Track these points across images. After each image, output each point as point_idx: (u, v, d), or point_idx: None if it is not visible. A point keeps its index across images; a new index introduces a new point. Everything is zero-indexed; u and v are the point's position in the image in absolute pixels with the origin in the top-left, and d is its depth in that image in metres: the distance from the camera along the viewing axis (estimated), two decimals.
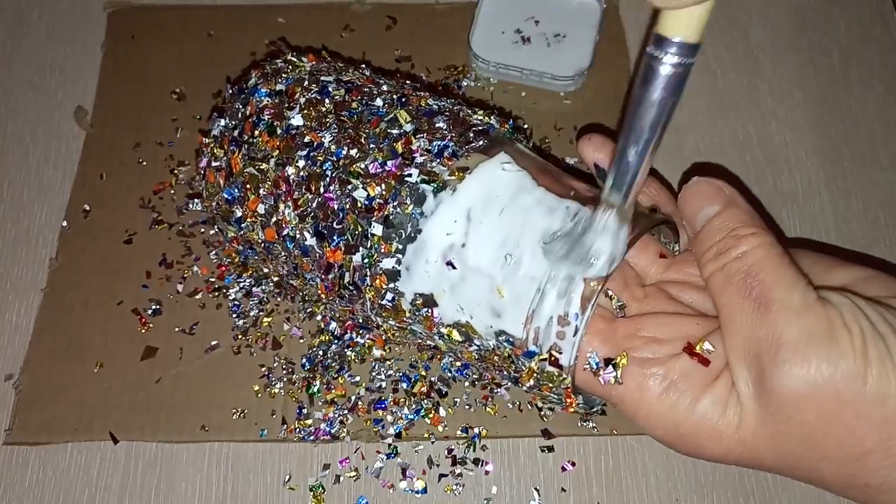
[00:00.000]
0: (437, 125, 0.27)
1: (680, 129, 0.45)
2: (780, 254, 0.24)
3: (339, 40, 0.47)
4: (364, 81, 0.30)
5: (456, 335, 0.26)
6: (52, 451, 0.35)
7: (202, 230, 0.40)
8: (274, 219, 0.28)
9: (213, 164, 0.30)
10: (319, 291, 0.29)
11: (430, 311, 0.26)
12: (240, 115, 0.29)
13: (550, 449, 0.36)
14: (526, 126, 0.43)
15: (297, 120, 0.28)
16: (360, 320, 0.29)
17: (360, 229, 0.26)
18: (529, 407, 0.36)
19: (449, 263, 0.26)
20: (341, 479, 0.35)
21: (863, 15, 0.48)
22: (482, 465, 0.35)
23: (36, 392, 0.36)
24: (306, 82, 0.29)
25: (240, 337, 0.38)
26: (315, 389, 0.36)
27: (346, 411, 0.36)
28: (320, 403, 0.36)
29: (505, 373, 0.27)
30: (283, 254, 0.29)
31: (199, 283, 0.39)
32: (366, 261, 0.26)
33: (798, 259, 0.26)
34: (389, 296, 0.26)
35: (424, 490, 0.35)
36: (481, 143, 0.27)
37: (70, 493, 0.35)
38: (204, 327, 0.38)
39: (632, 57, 0.46)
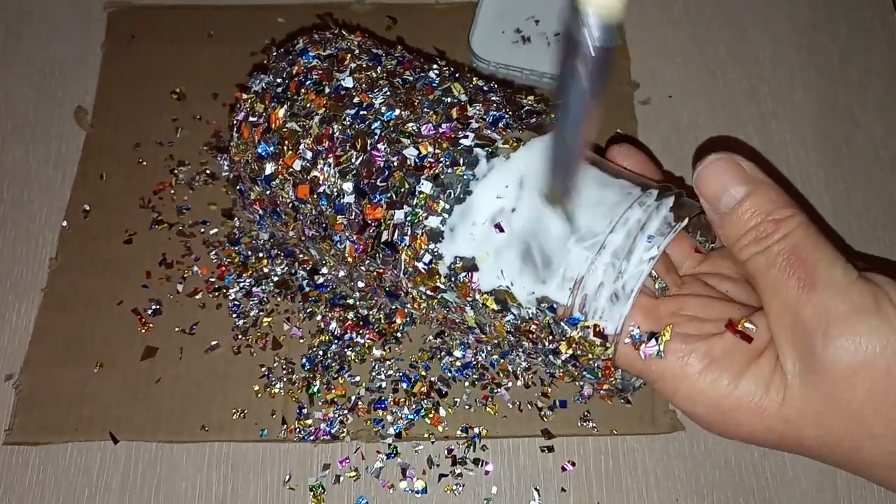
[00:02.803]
0: (492, 98, 0.27)
1: (680, 128, 0.45)
2: (818, 232, 0.24)
3: None
4: (414, 57, 0.30)
5: (492, 303, 0.26)
6: (52, 451, 0.35)
7: (202, 230, 0.40)
8: (310, 175, 0.27)
9: (251, 119, 0.29)
10: (347, 255, 0.28)
11: (469, 275, 0.26)
12: (285, 74, 0.28)
13: (550, 449, 0.36)
14: None
15: (347, 81, 0.27)
16: (388, 287, 0.28)
17: (406, 186, 0.26)
18: (529, 407, 0.36)
19: (497, 226, 0.25)
20: (341, 479, 0.35)
21: (863, 15, 0.48)
22: (482, 465, 0.35)
23: (36, 392, 0.36)
24: (356, 51, 0.29)
25: (240, 337, 0.38)
26: (315, 389, 0.36)
27: (346, 411, 0.36)
28: (320, 403, 0.36)
29: (541, 344, 0.26)
30: (312, 213, 0.28)
31: (199, 283, 0.39)
32: (409, 218, 0.26)
33: None
34: (427, 258, 0.26)
35: (424, 490, 0.35)
36: (534, 121, 0.27)
37: (70, 493, 0.35)
38: (204, 327, 0.38)
39: (632, 57, 0.46)
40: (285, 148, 0.28)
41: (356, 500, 0.35)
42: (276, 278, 0.39)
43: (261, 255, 0.39)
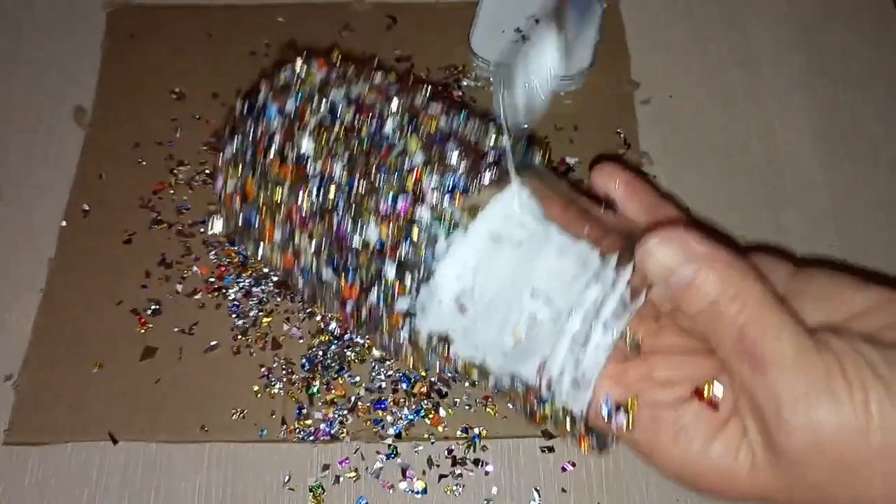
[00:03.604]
0: (447, 158, 0.27)
1: (680, 128, 0.45)
2: (770, 304, 0.23)
3: (338, 40, 0.46)
4: (374, 95, 0.30)
5: (472, 372, 0.27)
6: (51, 452, 0.35)
7: (202, 230, 0.40)
8: (291, 247, 0.28)
9: (229, 185, 0.30)
10: (340, 316, 0.29)
11: (445, 348, 0.27)
12: (251, 137, 0.29)
13: (551, 449, 0.36)
14: (546, 138, 0.41)
15: (307, 146, 0.28)
16: (381, 348, 0.30)
17: (373, 269, 0.26)
18: None
19: (461, 306, 0.26)
20: (341, 479, 0.35)
21: (863, 15, 0.48)
22: (482, 466, 0.35)
23: (35, 392, 0.36)
24: (316, 100, 0.29)
25: (239, 337, 0.38)
26: (315, 390, 0.36)
27: (345, 412, 0.36)
28: (320, 404, 0.36)
29: (520, 408, 0.27)
30: (301, 281, 0.29)
31: (198, 282, 0.39)
32: (380, 300, 0.27)
33: (810, 280, 0.25)
34: (405, 332, 0.27)
35: (424, 491, 0.35)
36: (493, 175, 0.27)
37: (70, 493, 0.35)
38: (203, 327, 0.38)
39: (633, 56, 0.46)
40: (265, 219, 0.29)
41: (356, 501, 0.35)
42: (275, 278, 0.39)
43: None
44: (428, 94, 0.31)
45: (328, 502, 0.35)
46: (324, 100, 0.29)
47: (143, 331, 0.38)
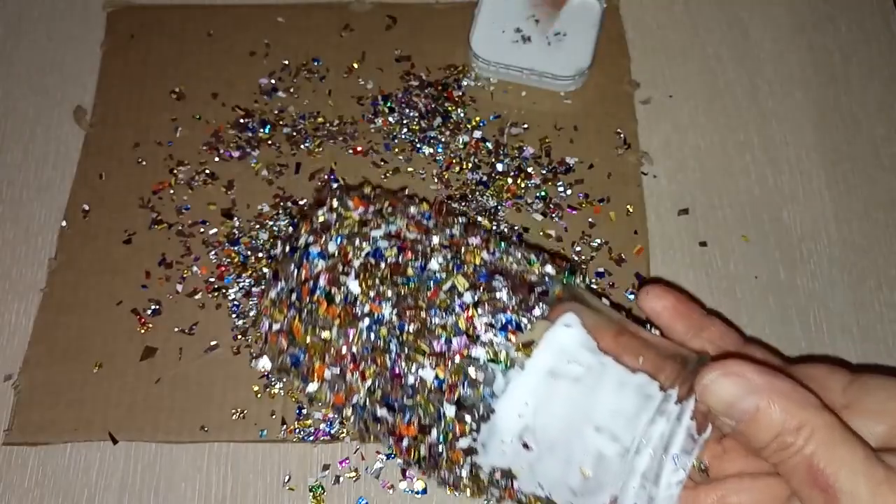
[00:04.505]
0: (497, 294, 0.27)
1: (680, 128, 0.45)
2: (838, 432, 0.22)
3: (338, 40, 0.46)
4: (413, 230, 0.30)
5: None
6: (51, 451, 0.35)
7: (201, 230, 0.40)
8: (342, 386, 0.29)
9: (274, 326, 0.30)
10: (395, 449, 0.29)
11: (509, 482, 0.27)
12: (295, 279, 0.30)
13: None
14: (582, 263, 0.40)
15: (354, 287, 0.28)
16: (438, 481, 0.29)
17: (432, 409, 0.27)
18: None
19: (524, 444, 0.26)
20: (341, 479, 0.35)
21: (863, 15, 0.48)
22: None
23: (35, 392, 0.36)
24: (357, 240, 0.29)
25: (239, 337, 0.38)
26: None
27: None
28: (320, 404, 0.36)
29: None
30: (352, 417, 0.30)
31: (198, 283, 0.39)
32: (441, 438, 0.27)
33: (866, 390, 0.25)
34: (467, 468, 0.27)
35: (424, 490, 0.35)
36: (543, 307, 0.27)
37: (69, 493, 0.35)
38: (203, 327, 0.38)
39: (632, 56, 0.46)
40: (313, 359, 0.29)
41: (356, 501, 0.35)
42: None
43: (260, 255, 0.39)
44: (464, 223, 0.31)
45: (328, 502, 0.35)
46: (365, 240, 0.29)
47: (143, 331, 0.38)
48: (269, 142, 0.43)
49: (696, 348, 0.27)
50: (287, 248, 0.31)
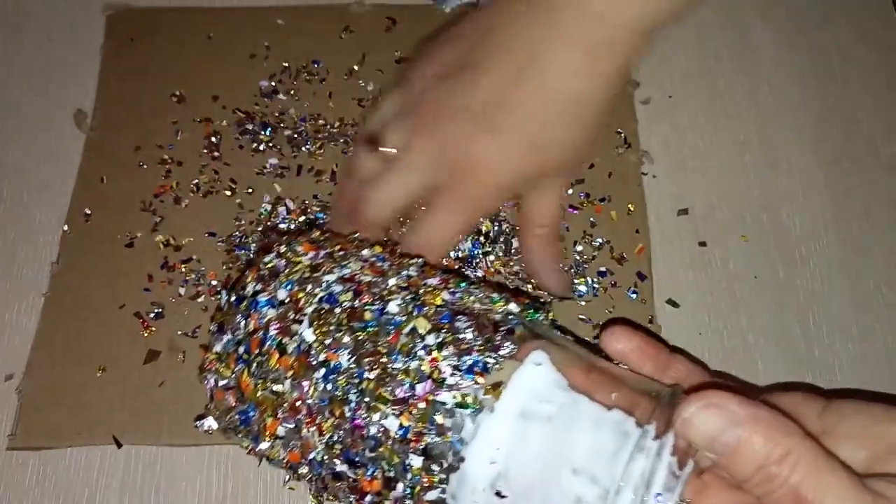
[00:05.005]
0: (461, 335, 0.26)
1: (680, 128, 0.45)
2: (822, 460, 0.22)
3: (338, 42, 0.46)
4: (368, 272, 0.28)
5: None
6: (52, 452, 0.36)
7: (206, 234, 0.40)
8: (297, 442, 0.27)
9: (221, 383, 0.29)
10: None
11: None
12: (243, 330, 0.28)
13: None
14: (544, 300, 0.39)
15: (308, 335, 0.26)
16: None
17: (397, 460, 0.25)
18: None
19: (498, 493, 0.24)
20: None
21: (863, 15, 0.48)
22: None
23: (38, 397, 0.36)
24: (309, 286, 0.28)
25: None
26: None
27: None
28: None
29: None
30: (309, 474, 0.28)
31: (201, 286, 0.39)
32: (408, 492, 0.25)
33: (841, 416, 0.25)
34: None
35: None
36: (510, 346, 0.26)
37: (70, 493, 0.35)
38: (206, 330, 0.38)
39: None
40: (264, 415, 0.27)
41: None
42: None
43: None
44: (421, 265, 0.30)
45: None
46: (318, 286, 0.27)
47: (146, 334, 0.38)
48: (271, 144, 0.43)
49: (667, 383, 0.26)
50: (233, 298, 0.29)
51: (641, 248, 0.40)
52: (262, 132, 0.43)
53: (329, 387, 0.26)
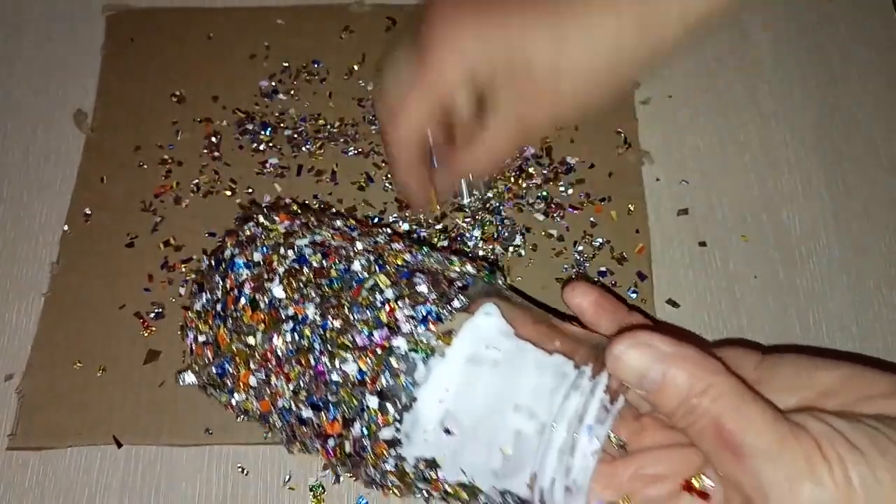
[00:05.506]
0: (417, 288, 0.28)
1: (679, 128, 0.45)
2: (742, 394, 0.23)
3: (338, 42, 0.47)
4: (338, 239, 0.31)
5: (462, 494, 0.27)
6: (52, 452, 0.36)
7: (205, 235, 0.40)
8: (267, 391, 0.29)
9: (199, 338, 0.30)
10: (321, 455, 0.29)
11: (433, 472, 0.27)
12: (220, 289, 0.30)
13: None
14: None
15: (278, 292, 0.29)
16: (365, 480, 0.30)
17: (355, 402, 0.27)
18: None
19: (446, 430, 0.26)
20: (341, 479, 0.35)
21: (863, 15, 0.48)
22: None
23: (39, 397, 0.36)
24: (282, 249, 0.30)
25: None
26: None
27: None
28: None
29: None
30: (279, 423, 0.30)
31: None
32: (364, 431, 0.27)
33: (776, 366, 0.26)
34: (392, 461, 0.27)
35: None
36: (462, 300, 0.28)
37: (70, 492, 0.35)
38: None
39: None
40: (238, 366, 0.29)
41: (356, 500, 0.35)
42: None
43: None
44: (389, 234, 0.32)
45: (328, 502, 0.35)
46: (290, 248, 0.30)
47: (146, 334, 0.38)
48: (271, 144, 0.43)
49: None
50: (212, 262, 0.31)
51: (641, 247, 0.41)
52: (262, 132, 0.43)
53: (296, 337, 0.28)
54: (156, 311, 0.38)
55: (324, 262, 0.29)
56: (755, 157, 0.44)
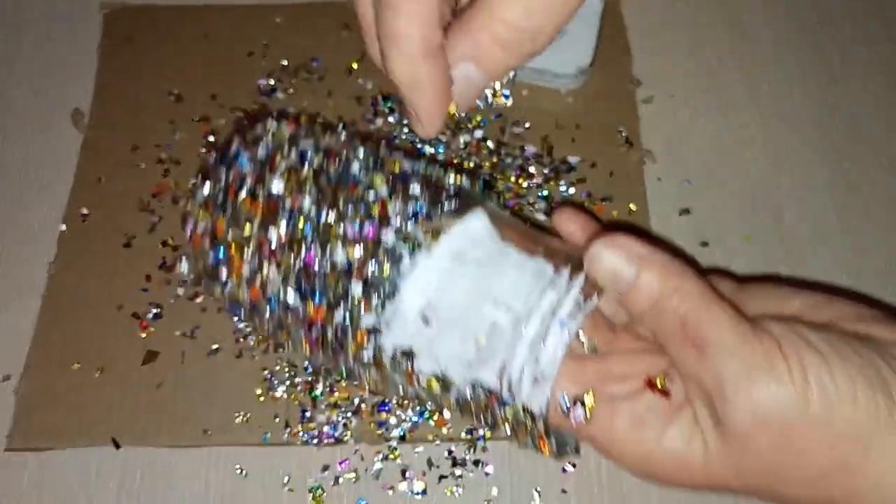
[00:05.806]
0: (411, 190, 0.29)
1: (682, 127, 0.45)
2: (709, 296, 0.24)
3: (337, 40, 0.46)
4: (341, 146, 0.32)
5: (435, 385, 0.28)
6: (49, 453, 0.35)
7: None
8: (258, 279, 0.30)
9: (199, 228, 0.31)
10: (304, 344, 0.30)
11: (409, 363, 0.28)
12: (223, 181, 0.31)
13: None
14: (495, 182, 0.41)
15: (277, 185, 0.29)
16: (344, 373, 0.31)
17: (340, 289, 0.28)
18: None
19: (425, 319, 0.27)
20: (341, 480, 0.35)
21: (863, 15, 0.48)
22: (482, 467, 0.35)
23: (36, 398, 0.36)
24: (285, 149, 0.31)
25: (242, 340, 0.38)
26: (318, 392, 0.36)
27: (349, 414, 0.36)
28: (323, 406, 0.36)
29: (482, 420, 0.29)
30: (267, 311, 0.31)
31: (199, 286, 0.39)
32: (347, 317, 0.28)
33: (751, 293, 0.27)
34: (371, 350, 0.28)
35: (424, 492, 0.35)
36: (453, 204, 0.29)
37: (68, 494, 0.35)
38: (205, 330, 0.38)
39: (634, 55, 0.46)
40: (233, 255, 0.30)
41: (356, 502, 0.35)
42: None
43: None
44: (391, 146, 0.33)
45: (328, 503, 0.35)
46: (293, 148, 0.30)
47: (144, 335, 0.38)
48: None
49: None
50: (218, 157, 0.32)
51: None
52: None
53: (290, 227, 0.29)
54: (154, 311, 0.38)
55: (324, 162, 0.30)
56: (756, 156, 0.44)
